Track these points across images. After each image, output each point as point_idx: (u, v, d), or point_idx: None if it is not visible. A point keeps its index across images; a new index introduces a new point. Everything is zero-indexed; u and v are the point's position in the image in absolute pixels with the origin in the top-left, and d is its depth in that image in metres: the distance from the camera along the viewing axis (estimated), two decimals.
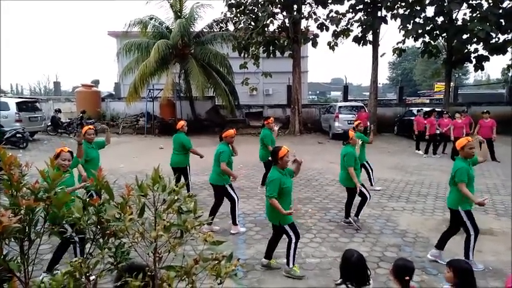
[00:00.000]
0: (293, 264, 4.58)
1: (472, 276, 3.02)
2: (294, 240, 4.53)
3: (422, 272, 4.68)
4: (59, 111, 19.47)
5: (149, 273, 1.81)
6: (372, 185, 8.57)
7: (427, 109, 16.71)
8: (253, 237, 5.90)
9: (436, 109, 15.65)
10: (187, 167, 7.72)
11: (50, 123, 18.51)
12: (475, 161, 4.86)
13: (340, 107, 19.00)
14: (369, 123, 17.55)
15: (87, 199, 2.00)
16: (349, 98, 27.87)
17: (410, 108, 19.91)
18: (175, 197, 1.78)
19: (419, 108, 16.73)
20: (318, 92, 60.76)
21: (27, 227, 1.89)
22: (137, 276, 1.74)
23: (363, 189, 6.25)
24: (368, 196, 6.33)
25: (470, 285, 3.00)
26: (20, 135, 14.07)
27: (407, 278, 2.88)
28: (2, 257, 1.80)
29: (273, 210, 4.49)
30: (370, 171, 8.63)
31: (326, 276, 4.59)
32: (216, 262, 1.74)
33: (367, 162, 8.55)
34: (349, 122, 18.06)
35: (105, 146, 6.44)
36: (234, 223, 6.13)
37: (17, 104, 16.00)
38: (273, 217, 4.62)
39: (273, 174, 4.50)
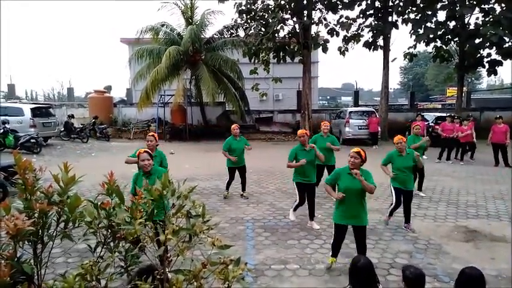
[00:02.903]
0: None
1: (474, 282, 2.92)
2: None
3: (434, 279, 4.62)
4: (72, 116, 19.78)
5: (158, 277, 1.84)
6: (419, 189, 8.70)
7: (423, 114, 16.79)
8: (263, 243, 5.89)
9: (448, 114, 15.56)
10: (227, 168, 8.33)
11: (63, 129, 18.79)
12: None
13: (350, 112, 18.91)
14: (379, 128, 17.46)
15: (99, 203, 2.04)
16: (360, 103, 27.73)
17: (422, 113, 19.72)
18: (184, 202, 1.81)
19: (418, 113, 16.79)
20: (328, 97, 60.67)
21: (40, 230, 1.94)
22: (147, 279, 1.77)
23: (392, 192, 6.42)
24: (394, 202, 6.40)
25: None
26: (34, 140, 14.31)
27: None
28: (16, 259, 1.84)
29: None
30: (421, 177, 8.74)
31: (336, 283, 4.56)
32: (224, 266, 1.76)
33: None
34: (359, 127, 17.98)
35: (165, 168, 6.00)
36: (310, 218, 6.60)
37: (32, 109, 16.30)
38: None
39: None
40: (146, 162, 4.49)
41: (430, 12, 18.01)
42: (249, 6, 19.33)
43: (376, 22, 19.50)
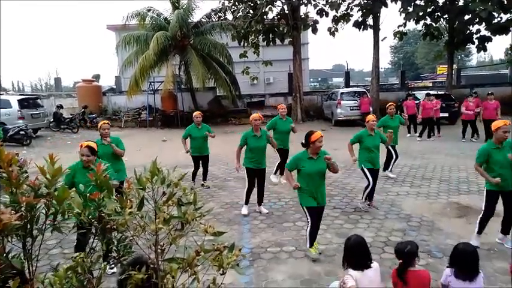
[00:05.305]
0: (310, 245, 4.73)
1: (467, 257, 3.01)
2: (309, 225, 4.70)
3: (427, 255, 4.69)
4: (60, 107, 19.48)
5: (152, 266, 1.82)
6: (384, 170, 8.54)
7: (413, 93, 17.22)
8: (258, 226, 5.91)
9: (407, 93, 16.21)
10: (192, 157, 8.19)
11: (52, 119, 18.54)
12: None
13: (342, 93, 18.88)
14: (371, 109, 17.49)
15: (88, 194, 1.99)
16: (351, 84, 27.66)
17: (413, 92, 19.78)
18: (174, 190, 1.77)
19: (409, 92, 17.07)
20: (319, 78, 60.40)
21: (28, 224, 1.89)
22: (140, 269, 1.74)
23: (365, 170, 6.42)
24: (371, 182, 6.36)
25: (467, 266, 2.99)
26: (23, 132, 14.10)
27: (400, 261, 3.04)
28: (4, 254, 1.80)
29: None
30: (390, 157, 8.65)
31: (331, 263, 4.61)
32: (218, 253, 1.74)
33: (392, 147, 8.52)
34: (351, 108, 17.99)
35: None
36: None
37: (19, 101, 16.01)
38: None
39: (297, 154, 4.83)
40: (85, 158, 4.38)
41: None
42: None
43: (365, 1, 19.28)
